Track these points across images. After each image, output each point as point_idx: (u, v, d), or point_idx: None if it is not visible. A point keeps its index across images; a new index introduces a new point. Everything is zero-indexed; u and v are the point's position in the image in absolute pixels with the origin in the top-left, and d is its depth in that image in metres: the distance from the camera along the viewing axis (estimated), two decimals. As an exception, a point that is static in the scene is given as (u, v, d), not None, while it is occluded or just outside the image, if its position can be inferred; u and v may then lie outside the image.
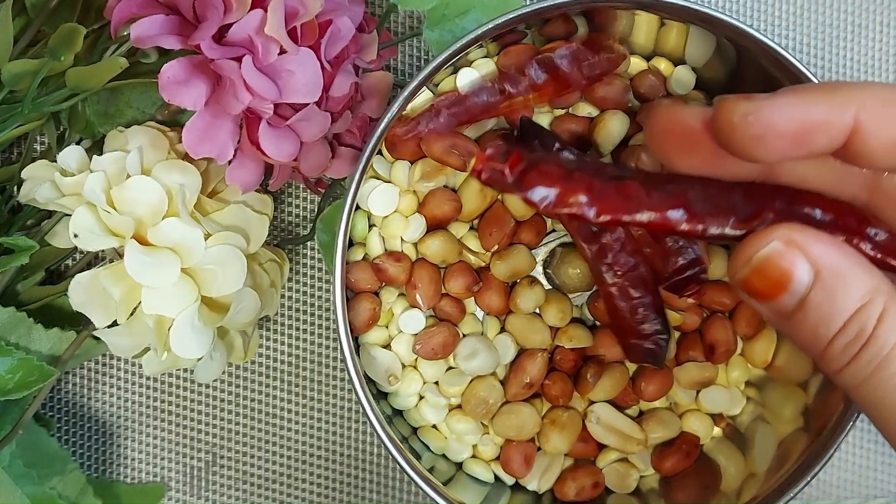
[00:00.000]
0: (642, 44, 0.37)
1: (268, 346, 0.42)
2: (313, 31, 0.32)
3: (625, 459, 0.38)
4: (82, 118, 0.37)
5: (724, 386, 0.38)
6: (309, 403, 0.42)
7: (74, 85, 0.34)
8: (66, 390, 0.42)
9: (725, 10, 0.42)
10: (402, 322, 0.36)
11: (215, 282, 0.33)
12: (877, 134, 0.23)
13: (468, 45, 0.33)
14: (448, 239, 0.36)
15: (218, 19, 0.30)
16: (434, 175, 0.36)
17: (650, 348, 0.35)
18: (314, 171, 0.35)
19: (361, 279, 0.36)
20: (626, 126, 0.37)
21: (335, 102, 0.34)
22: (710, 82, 0.37)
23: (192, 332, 0.33)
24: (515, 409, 0.37)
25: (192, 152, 0.32)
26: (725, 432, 0.38)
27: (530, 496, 0.38)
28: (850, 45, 0.42)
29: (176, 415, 0.42)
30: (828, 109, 0.23)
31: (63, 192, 0.33)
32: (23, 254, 0.34)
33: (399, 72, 0.42)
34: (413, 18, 0.42)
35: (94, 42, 0.36)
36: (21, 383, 0.34)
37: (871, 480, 0.43)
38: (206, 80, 0.31)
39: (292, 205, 0.42)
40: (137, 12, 0.32)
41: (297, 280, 0.42)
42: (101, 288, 0.33)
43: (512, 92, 0.35)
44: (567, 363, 0.37)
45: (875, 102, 0.23)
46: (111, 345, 0.34)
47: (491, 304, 0.37)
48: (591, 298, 0.38)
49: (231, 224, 0.35)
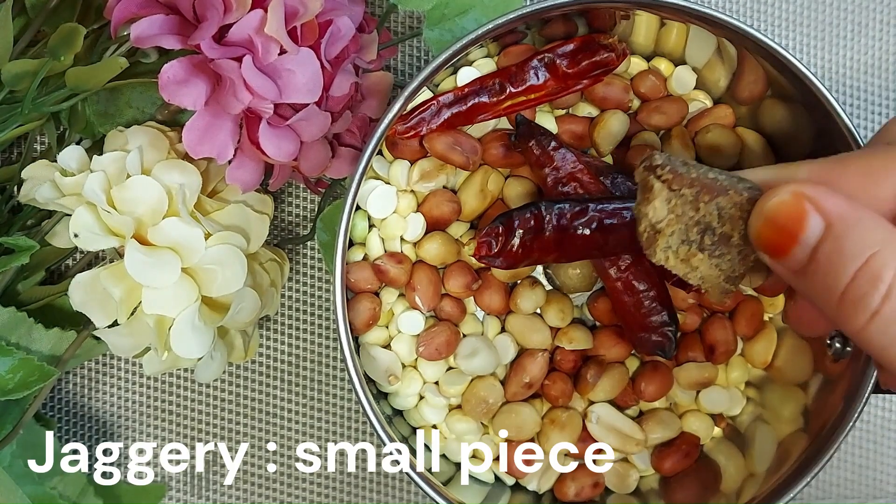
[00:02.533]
0: (642, 44, 0.37)
1: (268, 346, 0.42)
2: (313, 31, 0.32)
3: (625, 459, 0.38)
4: (82, 118, 0.37)
5: (724, 386, 0.38)
6: (309, 403, 0.42)
7: (74, 85, 0.34)
8: (66, 390, 0.42)
9: (725, 10, 0.42)
10: (401, 323, 0.36)
11: (215, 282, 0.33)
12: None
13: (468, 45, 0.33)
14: (446, 240, 0.36)
15: (218, 19, 0.30)
16: (434, 175, 0.36)
17: (658, 340, 0.35)
18: (314, 171, 0.35)
19: (361, 279, 0.36)
20: (626, 126, 0.37)
21: (335, 102, 0.34)
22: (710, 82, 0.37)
23: (193, 332, 0.33)
24: (515, 409, 0.37)
25: (192, 152, 0.32)
26: (725, 432, 0.38)
27: (530, 496, 0.38)
28: (850, 45, 0.42)
29: (176, 415, 0.42)
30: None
31: (63, 192, 0.33)
32: (23, 254, 0.34)
33: (399, 72, 0.42)
34: (413, 18, 0.42)
35: (94, 42, 0.36)
36: (21, 383, 0.34)
37: (871, 480, 0.43)
38: (206, 79, 0.31)
39: (292, 205, 0.42)
40: (137, 12, 0.32)
41: (297, 280, 0.42)
42: (101, 288, 0.33)
43: (512, 92, 0.35)
44: (567, 363, 0.37)
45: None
46: (111, 345, 0.34)
47: (491, 304, 0.37)
48: (592, 298, 0.38)
49: (231, 224, 0.35)
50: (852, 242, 0.22)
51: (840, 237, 0.22)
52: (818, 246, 0.23)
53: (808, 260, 0.23)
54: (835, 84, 0.42)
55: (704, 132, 0.37)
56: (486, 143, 0.36)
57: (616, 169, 0.36)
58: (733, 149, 0.36)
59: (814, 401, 0.36)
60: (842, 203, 0.23)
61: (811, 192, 0.23)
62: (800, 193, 0.23)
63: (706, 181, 0.25)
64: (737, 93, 0.37)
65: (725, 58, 0.35)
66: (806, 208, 0.23)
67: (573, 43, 0.35)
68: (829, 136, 0.33)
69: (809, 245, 0.23)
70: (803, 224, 0.23)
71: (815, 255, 0.23)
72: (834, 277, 0.22)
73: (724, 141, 0.36)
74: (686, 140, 0.37)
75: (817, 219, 0.23)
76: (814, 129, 0.34)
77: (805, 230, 0.23)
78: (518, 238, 0.33)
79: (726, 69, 0.36)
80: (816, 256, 0.23)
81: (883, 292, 0.22)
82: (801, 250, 0.23)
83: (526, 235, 0.33)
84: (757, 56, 0.34)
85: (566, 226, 0.33)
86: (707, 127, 0.37)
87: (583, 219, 0.33)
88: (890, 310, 0.22)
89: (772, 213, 0.24)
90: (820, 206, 0.23)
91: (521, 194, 0.36)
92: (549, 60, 0.35)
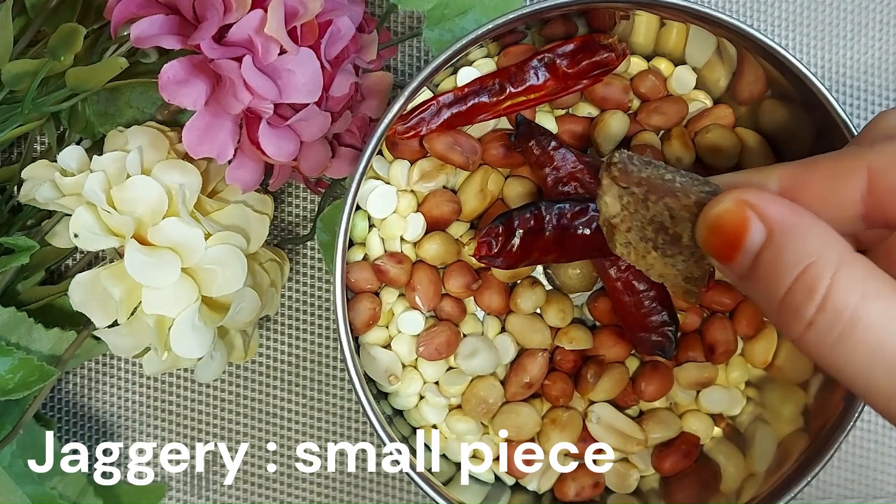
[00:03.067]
0: (642, 44, 0.37)
1: (268, 346, 0.42)
2: (313, 31, 0.32)
3: (625, 459, 0.38)
4: (82, 118, 0.37)
5: (724, 386, 0.38)
6: (309, 403, 0.42)
7: (74, 85, 0.34)
8: (66, 390, 0.42)
9: (725, 10, 0.42)
10: (401, 323, 0.36)
11: (215, 282, 0.33)
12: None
13: (468, 45, 0.33)
14: (446, 240, 0.36)
15: (218, 19, 0.30)
16: (433, 175, 0.36)
17: (658, 340, 0.35)
18: (314, 171, 0.35)
19: (361, 279, 0.36)
20: (626, 126, 0.37)
21: (335, 102, 0.34)
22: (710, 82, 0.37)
23: (193, 332, 0.33)
24: (515, 409, 0.37)
25: (192, 152, 0.32)
26: (725, 432, 0.38)
27: (530, 496, 0.38)
28: (850, 45, 0.42)
29: (176, 415, 0.42)
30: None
31: (63, 192, 0.33)
32: (23, 254, 0.34)
33: (399, 72, 0.42)
34: (413, 18, 0.42)
35: (94, 42, 0.36)
36: (21, 383, 0.35)
37: (871, 480, 0.43)
38: (206, 80, 0.31)
39: (292, 205, 0.42)
40: (137, 12, 0.32)
41: (297, 280, 0.42)
42: (101, 288, 0.33)
43: (512, 92, 0.35)
44: (567, 363, 0.37)
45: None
46: (111, 345, 0.34)
47: (491, 304, 0.37)
48: (592, 298, 0.38)
49: (231, 224, 0.35)
50: (791, 251, 0.22)
51: (779, 245, 0.23)
52: (760, 253, 0.23)
53: (751, 267, 0.23)
54: (835, 84, 0.42)
55: (704, 132, 0.37)
56: (486, 143, 0.36)
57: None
58: (733, 149, 0.36)
59: (814, 401, 0.36)
60: (784, 210, 0.23)
61: (753, 198, 0.23)
62: (742, 200, 0.23)
63: (655, 181, 0.25)
64: (737, 93, 0.37)
65: (725, 58, 0.35)
66: (748, 216, 0.23)
67: (573, 43, 0.35)
68: (829, 136, 0.33)
69: (751, 252, 0.23)
70: (745, 231, 0.23)
71: (756, 263, 0.23)
72: (774, 285, 0.23)
73: (724, 141, 0.36)
74: (686, 140, 0.37)
75: (759, 226, 0.23)
76: (814, 129, 0.34)
77: (746, 238, 0.23)
78: (518, 238, 0.33)
79: (726, 69, 0.36)
80: (758, 264, 0.23)
81: (817, 303, 0.22)
82: (743, 257, 0.23)
83: (526, 235, 0.33)
84: (757, 56, 0.34)
85: (566, 226, 0.33)
86: (707, 127, 0.37)
87: (583, 219, 0.32)
88: (823, 320, 0.22)
89: (714, 219, 0.24)
90: (762, 212, 0.23)
91: (521, 194, 0.36)
92: (549, 60, 0.35)
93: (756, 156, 0.36)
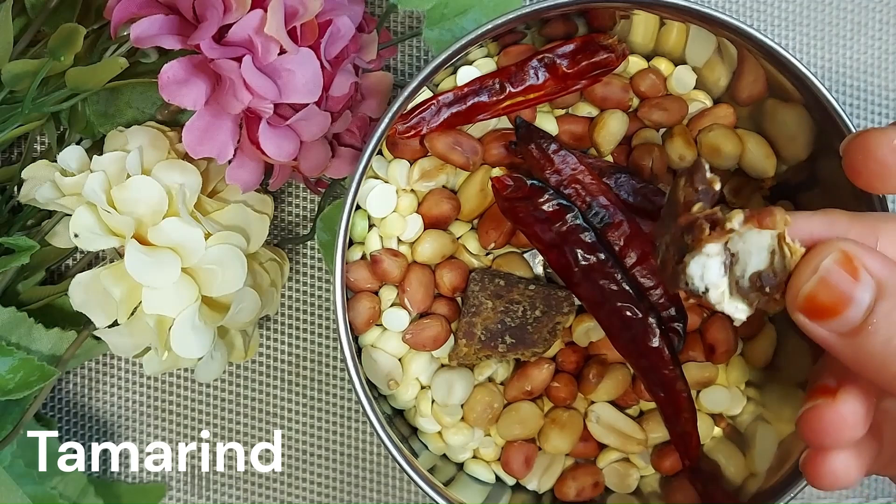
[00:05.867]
0: (642, 44, 0.37)
1: (268, 346, 0.42)
2: (313, 30, 0.32)
3: (625, 459, 0.38)
4: (82, 118, 0.37)
5: (724, 386, 0.38)
6: (309, 403, 0.42)
7: (74, 85, 0.34)
8: (66, 390, 0.42)
9: (725, 10, 0.42)
10: (386, 319, 0.36)
11: (215, 281, 0.33)
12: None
13: (468, 45, 0.33)
14: (441, 238, 0.36)
15: (218, 19, 0.30)
16: (434, 175, 0.36)
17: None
18: (314, 170, 0.35)
19: (361, 279, 0.36)
20: (626, 126, 0.37)
21: (335, 102, 0.34)
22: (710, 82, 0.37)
23: (193, 332, 0.33)
24: (517, 408, 0.37)
25: (192, 152, 0.32)
26: (725, 432, 0.38)
27: (531, 496, 0.38)
28: (850, 45, 0.42)
29: (176, 414, 0.42)
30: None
31: (63, 192, 0.33)
32: (23, 254, 0.34)
33: (399, 72, 0.42)
34: (413, 18, 0.42)
35: (94, 42, 0.36)
36: (22, 383, 0.35)
37: (872, 480, 0.43)
38: (206, 80, 0.31)
39: (292, 204, 0.42)
40: (137, 12, 0.32)
41: (297, 280, 0.42)
42: (101, 288, 0.33)
43: (512, 91, 0.35)
44: (570, 364, 0.37)
45: None
46: (111, 345, 0.34)
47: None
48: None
49: (231, 224, 0.35)
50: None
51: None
52: (874, 306, 0.22)
53: (863, 321, 0.22)
54: (835, 84, 0.42)
55: (706, 131, 0.37)
56: (486, 143, 0.36)
57: (619, 168, 0.36)
58: (734, 149, 0.36)
59: (814, 401, 0.36)
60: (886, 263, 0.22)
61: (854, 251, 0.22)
62: (849, 252, 0.22)
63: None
64: (737, 93, 0.37)
65: (725, 58, 0.35)
66: (858, 268, 0.22)
67: (573, 43, 0.35)
68: (829, 136, 0.33)
69: (864, 305, 0.22)
70: (857, 283, 0.22)
71: (870, 316, 0.22)
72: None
73: (725, 141, 0.36)
74: (688, 138, 0.37)
75: (868, 279, 0.22)
76: (814, 129, 0.34)
77: (858, 290, 0.22)
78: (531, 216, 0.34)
79: (726, 69, 0.36)
80: (873, 317, 0.22)
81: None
82: (854, 311, 0.22)
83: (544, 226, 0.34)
84: (757, 56, 0.34)
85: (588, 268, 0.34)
86: (709, 126, 0.37)
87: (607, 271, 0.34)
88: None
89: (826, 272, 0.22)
90: (866, 265, 0.22)
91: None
92: (549, 60, 0.35)
93: (756, 156, 0.36)
